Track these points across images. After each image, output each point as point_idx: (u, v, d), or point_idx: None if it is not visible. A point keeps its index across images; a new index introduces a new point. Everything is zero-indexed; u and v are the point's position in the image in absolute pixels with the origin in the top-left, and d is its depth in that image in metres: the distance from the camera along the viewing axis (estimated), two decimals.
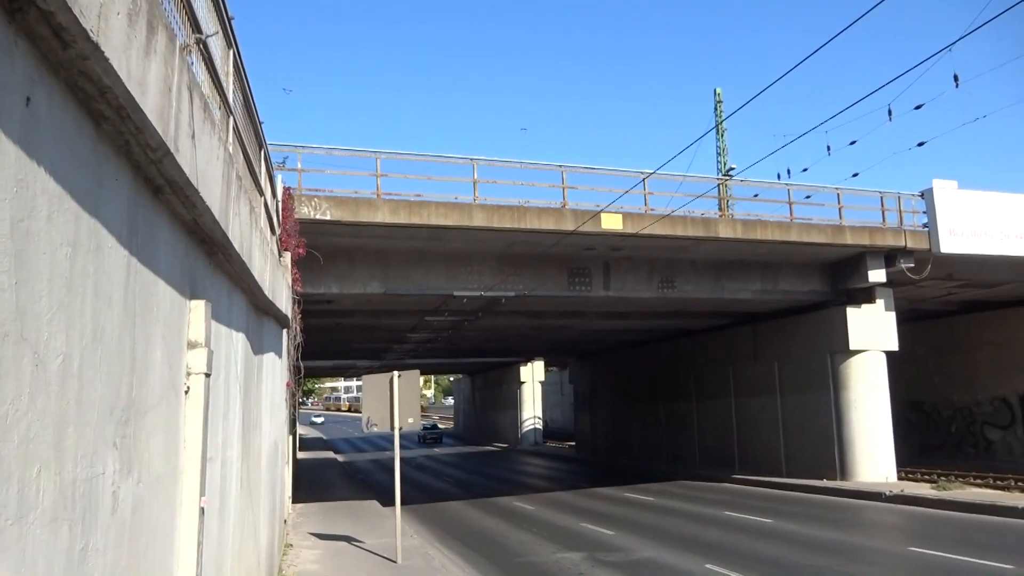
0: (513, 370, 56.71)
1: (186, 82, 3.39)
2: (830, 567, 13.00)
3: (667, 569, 13.42)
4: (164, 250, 3.58)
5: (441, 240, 19.57)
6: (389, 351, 40.44)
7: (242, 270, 5.64)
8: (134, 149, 2.93)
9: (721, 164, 59.36)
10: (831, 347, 24.71)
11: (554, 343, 40.67)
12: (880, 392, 24.20)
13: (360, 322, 27.14)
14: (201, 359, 4.12)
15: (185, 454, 4.01)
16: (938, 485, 21.79)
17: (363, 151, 18.71)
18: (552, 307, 25.46)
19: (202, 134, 3.74)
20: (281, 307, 9.67)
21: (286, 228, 13.72)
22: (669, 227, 19.54)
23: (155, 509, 3.44)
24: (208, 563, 4.58)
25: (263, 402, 8.45)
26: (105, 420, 2.73)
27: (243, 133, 6.33)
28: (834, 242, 22.04)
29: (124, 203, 2.96)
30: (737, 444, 29.87)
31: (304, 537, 16.31)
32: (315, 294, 18.82)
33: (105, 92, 2.46)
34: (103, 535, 2.69)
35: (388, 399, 13.91)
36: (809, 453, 25.53)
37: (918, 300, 27.23)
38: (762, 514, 19.42)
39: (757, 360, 28.60)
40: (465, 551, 16.12)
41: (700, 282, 23.04)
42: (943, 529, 16.64)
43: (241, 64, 6.13)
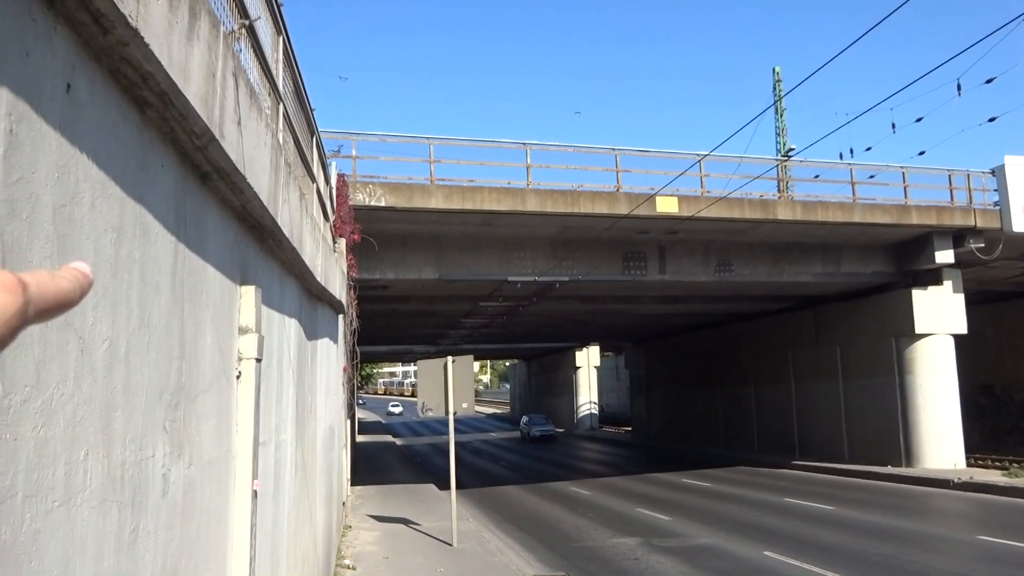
0: (568, 355, 56.62)
1: (231, 68, 3.40)
2: (894, 555, 12.66)
3: (725, 555, 13.25)
4: (213, 236, 3.61)
5: (494, 225, 19.56)
6: (444, 336, 40.74)
7: (293, 256, 5.68)
8: (179, 135, 2.95)
9: (780, 145, 58.03)
10: (896, 331, 24.00)
11: (609, 328, 40.43)
12: (948, 376, 23.43)
13: (415, 308, 27.37)
14: (252, 344, 4.16)
15: (237, 438, 4.06)
16: (1010, 472, 21.04)
17: (416, 137, 18.80)
18: (607, 292, 25.27)
19: (249, 120, 3.76)
20: (335, 293, 9.78)
21: (340, 215, 13.87)
22: (726, 210, 19.17)
23: (207, 492, 3.49)
24: (262, 545, 4.65)
25: (318, 387, 8.56)
26: (154, 404, 2.76)
27: (294, 120, 6.38)
28: (899, 222, 21.34)
29: (171, 189, 2.99)
30: (797, 429, 29.32)
31: (363, 519, 16.58)
32: (370, 280, 19.02)
33: (147, 78, 2.47)
34: (154, 517, 2.73)
35: (443, 384, 14.00)
36: (873, 439, 24.90)
37: (988, 281, 26.21)
38: (823, 500, 19.02)
39: (818, 344, 27.97)
40: (520, 535, 16.18)
41: (758, 265, 22.57)
42: (1014, 517, 16.05)
43: (291, 51, 6.16)
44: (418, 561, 12.27)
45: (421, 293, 23.94)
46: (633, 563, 12.94)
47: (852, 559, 12.52)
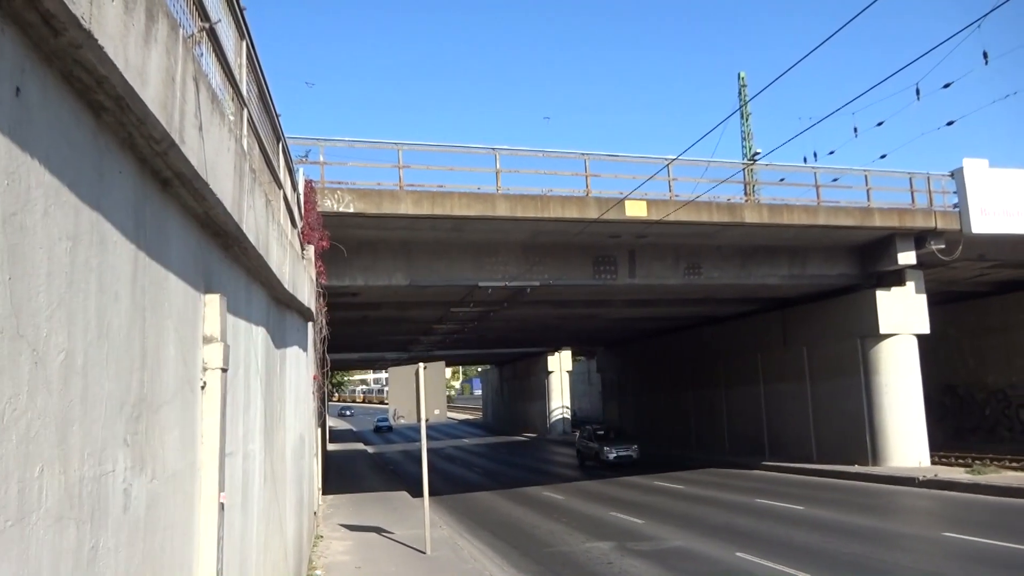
0: (540, 360, 56.64)
1: (192, 72, 3.33)
2: (864, 554, 12.80)
3: (698, 558, 13.30)
4: (175, 244, 3.54)
5: (465, 231, 19.52)
6: (416, 343, 40.56)
7: (259, 263, 5.60)
8: (138, 141, 2.88)
9: (746, 149, 58.67)
10: (861, 331, 24.33)
11: (581, 332, 40.54)
12: (912, 376, 23.80)
13: (387, 314, 27.21)
14: (217, 354, 4.08)
15: (203, 449, 3.97)
16: (973, 469, 21.40)
17: (385, 143, 18.69)
18: (578, 296, 25.34)
19: (211, 126, 3.69)
20: (304, 300, 9.67)
21: (308, 221, 13.74)
22: (694, 213, 19.31)
23: (171, 506, 3.41)
24: (231, 557, 4.56)
25: (287, 396, 8.45)
26: (114, 417, 2.69)
27: (258, 125, 6.29)
28: (862, 225, 21.66)
29: (129, 196, 2.91)
30: (767, 430, 29.59)
31: (334, 528, 16.40)
32: (340, 287, 18.87)
33: (102, 82, 2.40)
34: (114, 533, 2.65)
35: (414, 391, 13.91)
36: (840, 439, 25.20)
37: (950, 282, 26.71)
38: (793, 501, 19.20)
39: (786, 346, 28.28)
40: (494, 541, 16.11)
41: (727, 268, 22.78)
42: (978, 514, 16.33)
43: (255, 55, 6.08)
44: (391, 570, 12.16)
45: (392, 299, 23.82)
46: (607, 567, 12.94)
47: (823, 558, 12.64)
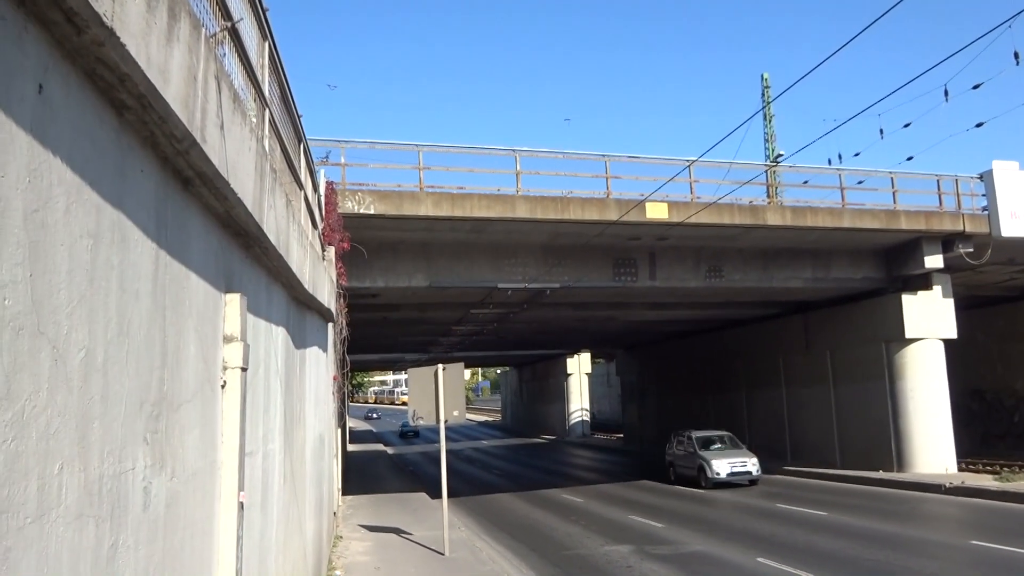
0: (560, 362, 56.55)
1: (213, 71, 3.34)
2: (888, 561, 12.63)
3: (718, 563, 13.19)
4: (196, 243, 3.54)
5: (484, 232, 19.52)
6: (436, 344, 40.62)
7: (280, 264, 5.61)
8: (159, 140, 2.89)
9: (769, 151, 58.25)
10: (886, 335, 24.04)
11: (600, 334, 40.40)
12: (938, 381, 23.47)
13: (406, 315, 27.26)
14: (237, 353, 4.09)
15: (223, 449, 3.98)
16: (1001, 476, 21.06)
17: (405, 144, 18.74)
18: (598, 298, 25.25)
19: (232, 125, 3.69)
20: (324, 301, 9.70)
21: (329, 223, 13.80)
22: (716, 215, 19.18)
23: (191, 504, 3.41)
24: (250, 556, 4.57)
25: (307, 396, 8.48)
26: (134, 415, 2.69)
27: (280, 126, 6.31)
28: (888, 227, 21.40)
29: (151, 195, 2.92)
30: (789, 435, 29.31)
31: (354, 529, 16.45)
32: (360, 288, 18.93)
33: (125, 80, 2.41)
34: (134, 531, 2.66)
35: (433, 392, 13.92)
36: (864, 444, 24.91)
37: (977, 286, 26.31)
38: (816, 506, 19.00)
39: (808, 349, 28.01)
40: (513, 543, 16.08)
41: (749, 271, 22.60)
42: (1007, 522, 16.06)
43: (277, 56, 6.10)
44: (409, 571, 12.17)
45: (411, 301, 23.86)
46: (626, 571, 12.87)
47: (846, 565, 12.48)
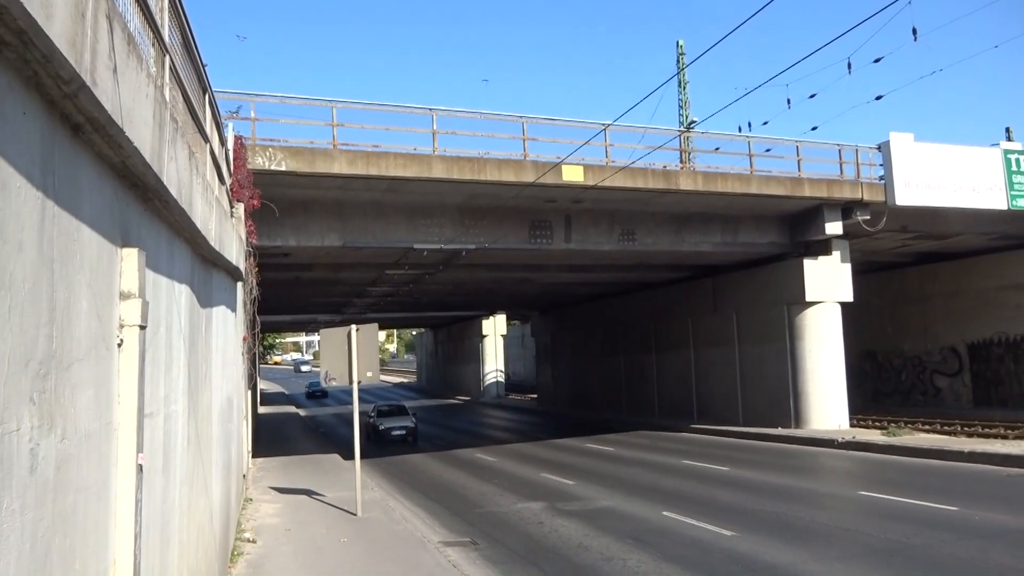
0: (475, 324, 56.77)
1: (104, 10, 3.13)
2: (784, 512, 13.30)
3: (625, 517, 13.62)
4: (88, 194, 3.35)
5: (400, 192, 19.26)
6: (350, 305, 40.12)
7: (182, 218, 5.38)
8: (44, 80, 2.69)
9: (683, 117, 59.23)
10: (788, 298, 25.05)
11: (516, 296, 40.69)
12: (835, 342, 24.66)
13: (319, 276, 26.78)
14: (135, 310, 3.91)
15: (119, 409, 3.82)
16: (888, 431, 22.40)
17: (319, 100, 18.30)
18: (513, 260, 25.37)
19: (127, 69, 3.48)
20: (231, 259, 9.39)
21: (238, 179, 13.33)
22: (630, 179, 19.44)
23: (84, 467, 3.27)
24: (151, 520, 4.44)
25: (214, 357, 8.23)
26: (19, 373, 2.54)
27: (182, 74, 6.01)
28: (793, 194, 22.17)
29: (36, 139, 2.73)
30: (696, 394, 30.36)
31: (264, 491, 16.23)
32: (271, 247, 18.46)
33: (1, 13, 2.22)
34: (20, 495, 2.53)
35: (347, 353, 13.74)
36: (766, 402, 26.04)
37: (873, 252, 27.66)
38: (719, 462, 19.79)
39: (716, 312, 28.94)
40: (426, 503, 16.19)
41: (661, 234, 23.08)
42: (892, 474, 17.12)
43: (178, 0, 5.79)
44: (321, 532, 12.10)
45: (325, 260, 23.43)
46: (538, 527, 13.15)
47: (745, 517, 13.09)
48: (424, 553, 10.71)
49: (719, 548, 11.06)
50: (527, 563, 10.82)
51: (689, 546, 11.27)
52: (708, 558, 10.56)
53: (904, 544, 10.75)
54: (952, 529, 11.49)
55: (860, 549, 10.66)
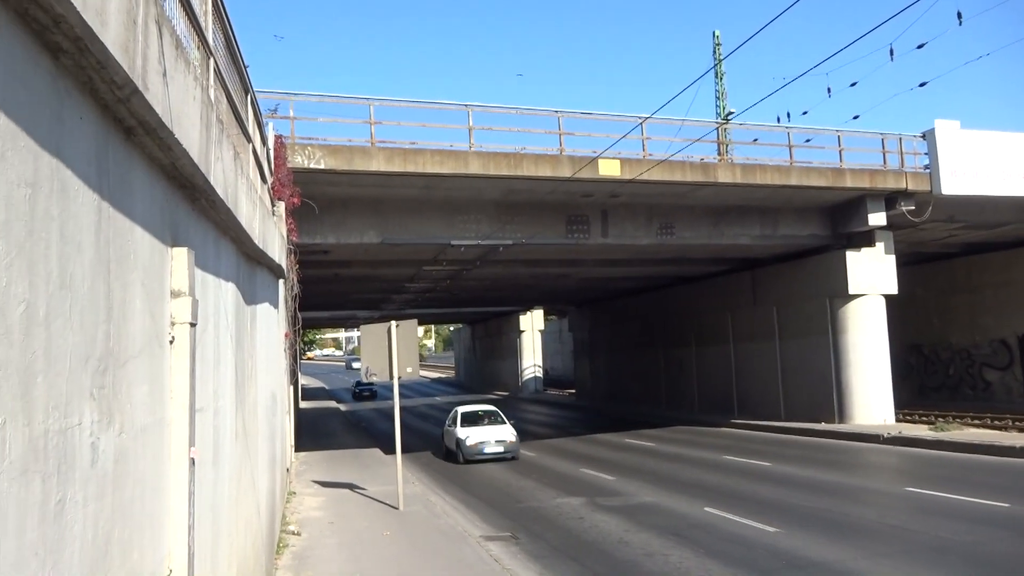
0: (513, 319, 56.84)
1: (154, 16, 3.21)
2: (828, 508, 13.13)
3: (666, 512, 13.56)
4: (140, 195, 3.44)
5: (437, 188, 19.36)
6: (388, 301, 40.44)
7: (228, 217, 5.49)
8: (99, 86, 2.77)
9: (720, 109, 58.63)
10: (830, 291, 24.67)
11: (553, 291, 40.65)
12: (879, 335, 24.23)
13: (358, 272, 27.04)
14: (186, 308, 4.01)
15: (172, 404, 3.92)
16: (936, 426, 21.96)
17: (356, 98, 18.41)
18: (550, 255, 25.34)
19: (175, 72, 3.57)
20: (274, 257, 9.55)
21: (279, 177, 13.53)
22: (667, 172, 19.30)
23: (141, 460, 3.37)
24: (202, 512, 4.54)
25: (258, 352, 8.38)
26: (80, 370, 2.63)
27: (226, 76, 6.12)
28: (834, 185, 21.82)
29: (91, 143, 2.81)
30: (736, 389, 30.06)
31: (307, 485, 16.47)
32: (312, 244, 18.70)
33: (59, 21, 2.30)
34: (82, 487, 2.61)
35: (387, 349, 13.89)
36: (807, 397, 25.68)
37: (918, 243, 27.10)
38: (761, 457, 19.59)
39: (756, 305, 28.61)
40: (467, 497, 16.29)
41: (699, 228, 22.88)
42: (940, 469, 16.79)
43: (221, 3, 5.90)
44: (364, 525, 12.26)
45: (363, 257, 23.65)
46: (578, 522, 13.15)
47: (788, 513, 12.95)
48: (465, 547, 10.79)
49: (762, 544, 10.96)
50: (568, 558, 10.84)
51: (732, 542, 11.18)
52: (751, 554, 10.47)
53: (954, 542, 10.55)
54: (1004, 526, 11.24)
55: (908, 546, 10.48)
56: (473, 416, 22.34)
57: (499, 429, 21.48)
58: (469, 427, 21.49)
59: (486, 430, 21.34)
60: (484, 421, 22.03)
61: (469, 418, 22.20)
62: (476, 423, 21.87)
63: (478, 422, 21.94)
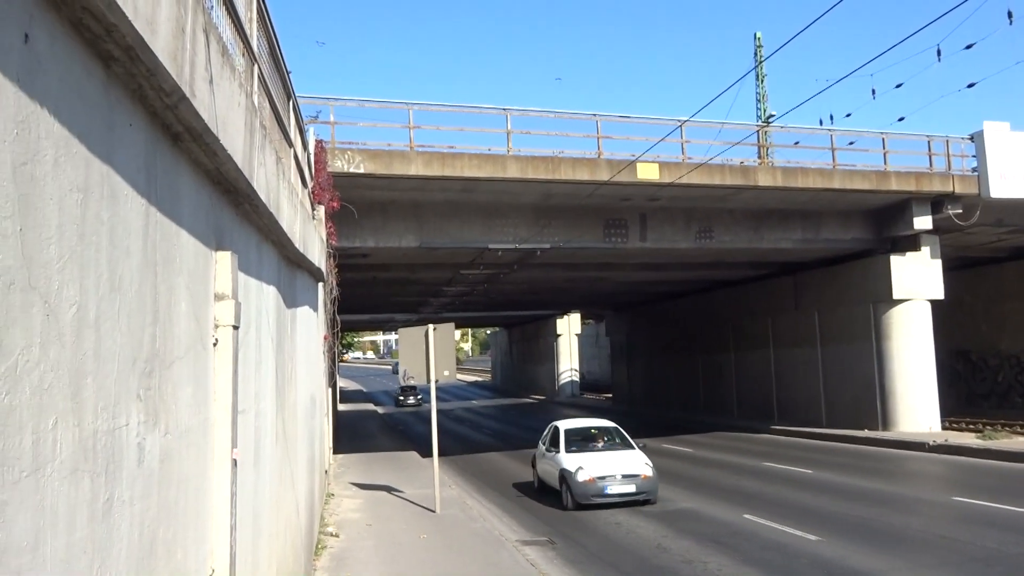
0: (549, 323, 56.77)
1: (201, 24, 3.27)
2: (872, 517, 12.87)
3: (705, 519, 13.41)
4: (186, 199, 3.51)
5: (475, 192, 19.43)
6: (426, 304, 40.67)
7: (270, 222, 5.57)
8: (148, 93, 2.83)
9: (761, 111, 57.98)
10: (874, 296, 24.22)
11: (590, 295, 40.51)
12: (924, 341, 23.72)
13: (396, 276, 27.24)
14: (229, 311, 4.07)
15: (215, 406, 3.99)
16: (984, 435, 21.42)
17: (396, 103, 18.56)
18: (588, 259, 25.27)
19: (221, 79, 3.63)
20: (314, 260, 9.66)
21: (319, 181, 13.68)
22: (707, 176, 19.13)
23: (185, 461, 3.43)
24: (243, 513, 4.60)
25: (298, 355, 8.48)
26: (127, 371, 2.68)
27: (269, 82, 6.21)
28: (878, 188, 21.43)
29: (140, 149, 2.88)
30: (776, 395, 29.65)
31: (345, 487, 16.61)
32: (350, 248, 18.88)
33: (112, 31, 2.35)
34: (129, 487, 2.67)
35: (424, 352, 13.96)
36: (850, 403, 25.23)
37: (965, 247, 26.48)
38: (802, 464, 19.29)
39: (797, 310, 28.21)
40: (504, 502, 16.28)
41: (739, 232, 22.63)
42: (988, 479, 16.37)
43: (266, 10, 5.98)
44: (401, 528, 12.32)
45: (402, 261, 23.82)
46: (615, 527, 13.07)
47: (831, 521, 12.72)
48: (502, 551, 10.78)
49: (803, 552, 10.78)
50: (605, 564, 10.78)
51: (772, 550, 11.02)
52: (792, 563, 10.31)
53: (1004, 553, 10.26)
54: None
55: (956, 557, 10.23)
56: (584, 435, 16.09)
57: (626, 457, 14.91)
58: (580, 453, 15.05)
59: (607, 458, 14.79)
60: (600, 443, 15.73)
61: (577, 438, 15.85)
62: (589, 446, 15.54)
63: (591, 444, 15.66)
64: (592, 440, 15.90)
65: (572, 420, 17.56)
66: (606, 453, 15.14)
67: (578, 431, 16.23)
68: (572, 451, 15.15)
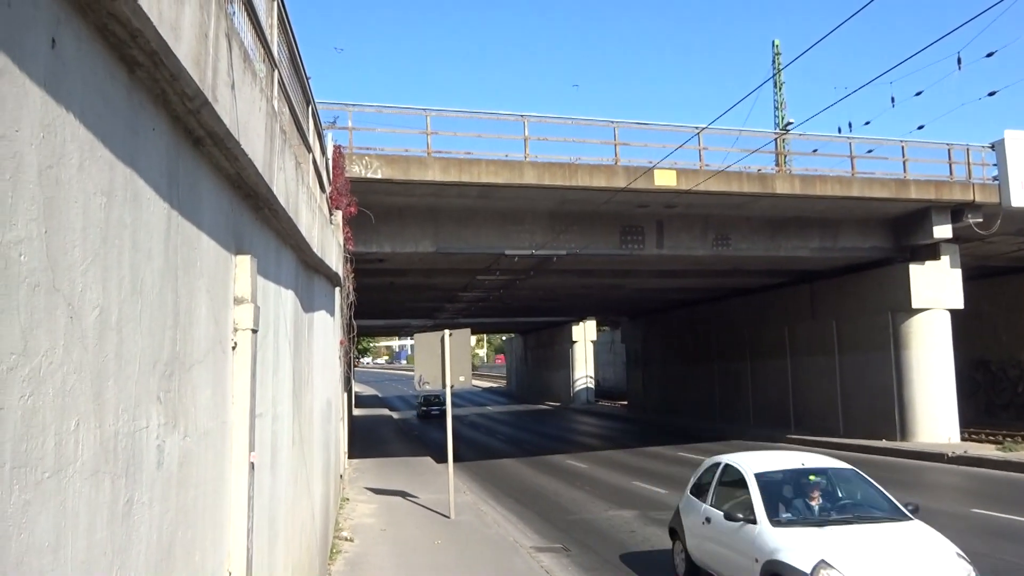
0: (565, 329, 56.69)
1: (224, 29, 3.30)
2: None
3: None
4: (207, 203, 3.53)
5: (492, 198, 19.45)
6: (442, 310, 40.72)
7: (289, 226, 5.60)
8: (171, 98, 2.86)
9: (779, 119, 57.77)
10: (893, 305, 24.01)
11: (606, 302, 40.44)
12: (943, 351, 23.48)
13: (413, 281, 27.31)
14: (248, 315, 4.09)
15: (233, 409, 4.00)
16: (1004, 446, 21.15)
17: (413, 108, 18.63)
18: (604, 266, 25.22)
19: (243, 85, 3.66)
20: (332, 265, 9.70)
21: (336, 187, 13.75)
22: (724, 183, 19.06)
23: (204, 463, 3.44)
24: (260, 516, 4.62)
25: (315, 360, 8.51)
26: (148, 374, 2.70)
27: (289, 88, 6.26)
28: (897, 197, 21.26)
29: (163, 154, 2.90)
30: (793, 403, 29.44)
31: (360, 492, 16.63)
32: (367, 253, 18.94)
33: (136, 36, 2.38)
34: (148, 488, 2.68)
35: (440, 357, 13.96)
36: (868, 413, 25.01)
37: (985, 256, 26.20)
38: None
39: (815, 319, 28.01)
40: (518, 508, 16.25)
41: (756, 240, 22.52)
42: (1008, 491, 16.16)
43: (286, 16, 6.03)
44: (415, 533, 12.32)
45: (418, 266, 23.87)
46: (630, 535, 13.01)
47: None
48: (516, 558, 10.75)
49: None
50: (619, 571, 10.72)
51: None
52: None
53: (1021, 566, 10.12)
54: None
55: None
56: (796, 484, 8.60)
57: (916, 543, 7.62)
58: (807, 528, 7.69)
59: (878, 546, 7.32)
60: (832, 503, 8.50)
61: (788, 493, 8.50)
62: (816, 511, 8.16)
63: (823, 508, 8.24)
64: (814, 496, 8.34)
65: (757, 455, 9.46)
66: (866, 530, 7.71)
67: (784, 477, 8.67)
68: (787, 521, 7.84)
